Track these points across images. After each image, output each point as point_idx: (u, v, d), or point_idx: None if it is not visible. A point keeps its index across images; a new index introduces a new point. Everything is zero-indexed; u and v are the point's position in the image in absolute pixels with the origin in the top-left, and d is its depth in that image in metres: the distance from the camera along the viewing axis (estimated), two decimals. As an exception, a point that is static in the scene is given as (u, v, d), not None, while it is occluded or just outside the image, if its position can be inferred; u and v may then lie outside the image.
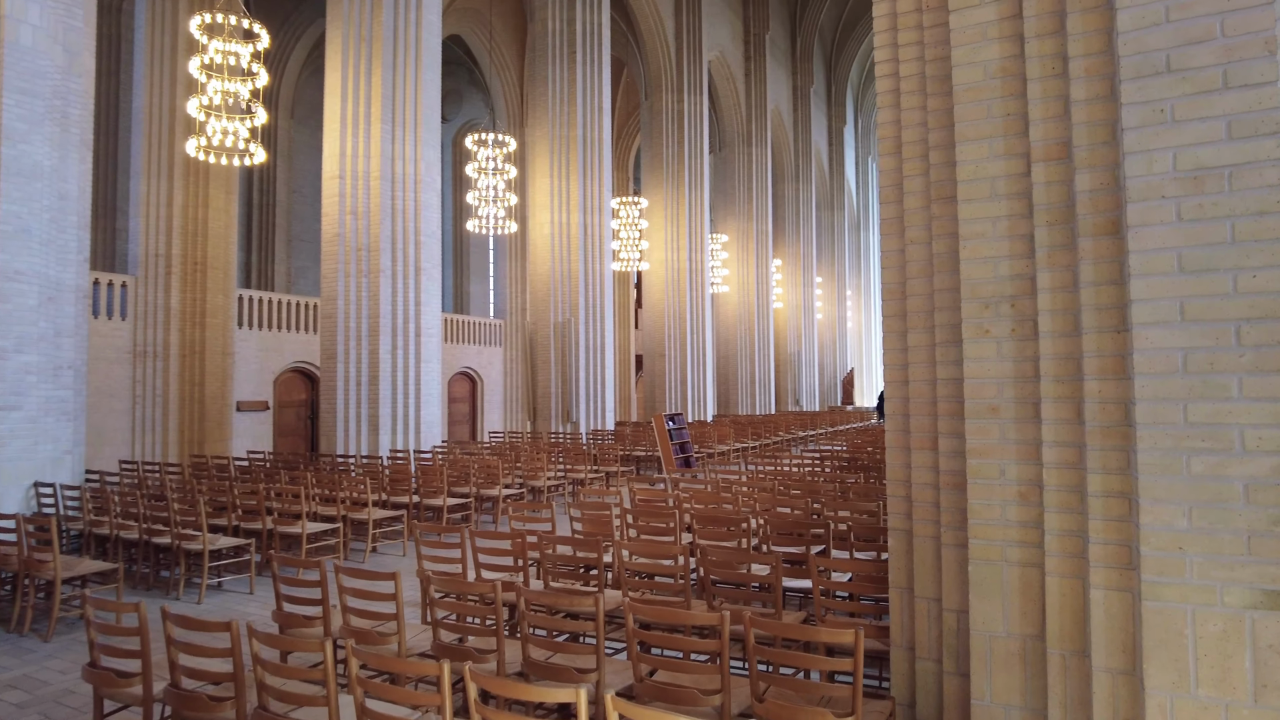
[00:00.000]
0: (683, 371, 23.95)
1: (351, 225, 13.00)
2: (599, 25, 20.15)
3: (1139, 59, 2.54)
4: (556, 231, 19.27)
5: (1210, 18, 2.46)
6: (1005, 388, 3.07)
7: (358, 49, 13.31)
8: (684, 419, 15.38)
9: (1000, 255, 3.10)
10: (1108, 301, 2.69)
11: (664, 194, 24.61)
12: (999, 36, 3.12)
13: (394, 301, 13.21)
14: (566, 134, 19.44)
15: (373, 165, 13.13)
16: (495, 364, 25.91)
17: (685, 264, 24.48)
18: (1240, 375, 2.40)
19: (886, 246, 3.83)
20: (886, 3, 3.81)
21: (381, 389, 12.86)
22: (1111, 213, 2.70)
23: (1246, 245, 2.41)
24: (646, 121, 25.36)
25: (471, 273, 29.87)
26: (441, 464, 10.90)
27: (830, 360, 38.08)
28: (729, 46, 29.12)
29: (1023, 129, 3.06)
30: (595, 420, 19.18)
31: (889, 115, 3.82)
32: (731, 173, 29.57)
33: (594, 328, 19.49)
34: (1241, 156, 2.42)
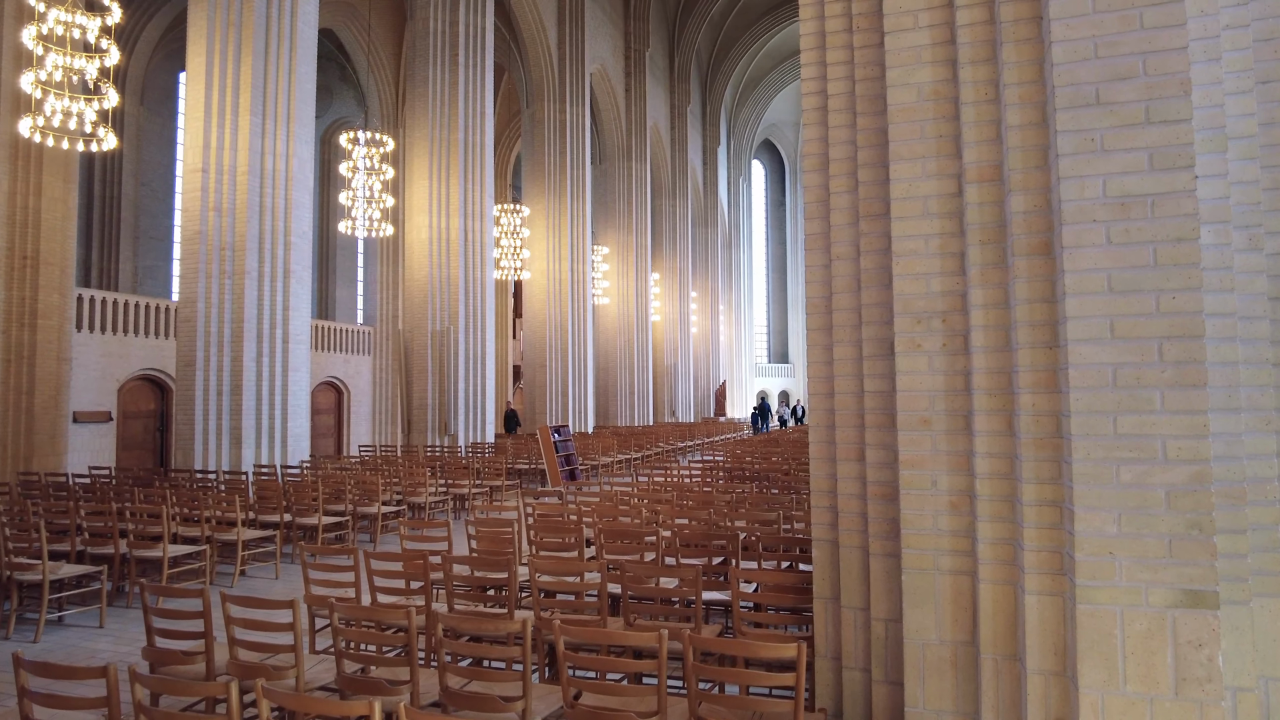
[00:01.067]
0: (564, 382, 23.76)
1: (215, 223, 12.04)
2: (482, 29, 19.78)
3: (1072, 90, 2.69)
4: (435, 236, 18.66)
5: (1134, 57, 2.64)
6: (937, 400, 3.17)
7: (225, 34, 12.39)
8: (569, 431, 15.22)
9: (932, 272, 3.20)
10: (1041, 318, 2.83)
11: (546, 203, 24.41)
12: (932, 60, 3.23)
13: (260, 305, 12.33)
14: (447, 137, 18.91)
15: (240, 159, 12.23)
16: (363, 373, 24.75)
17: (568, 274, 24.35)
18: (1162, 389, 2.57)
19: (811, 261, 3.89)
20: (815, 21, 3.88)
21: (245, 399, 11.94)
22: (1044, 233, 2.84)
23: (1167, 269, 2.59)
24: (528, 129, 25.10)
25: (338, 277, 28.47)
26: (314, 479, 10.23)
27: (704, 372, 38.94)
28: (610, 61, 29.35)
29: (955, 150, 3.18)
30: (474, 433, 18.66)
31: (815, 133, 3.89)
32: (612, 186, 29.74)
33: (475, 337, 18.99)
34: (1162, 186, 2.60)
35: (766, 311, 52.18)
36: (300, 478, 11.01)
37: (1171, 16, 2.62)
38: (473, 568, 5.51)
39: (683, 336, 35.23)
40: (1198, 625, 2.51)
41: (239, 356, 11.98)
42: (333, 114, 27.69)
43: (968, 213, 3.07)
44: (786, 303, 51.83)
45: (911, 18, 3.26)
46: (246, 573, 8.18)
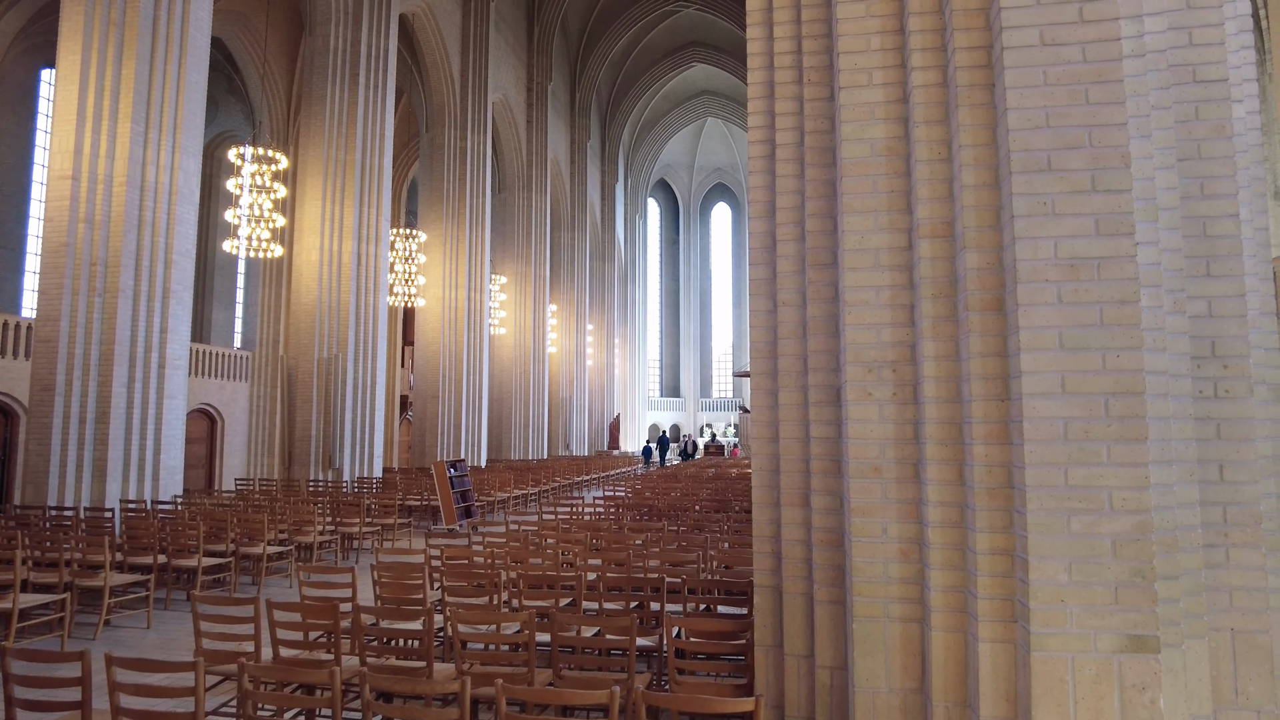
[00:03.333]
0: (457, 414, 23.10)
1: (85, 235, 11.05)
2: (384, 50, 19.32)
3: (1025, 156, 2.82)
4: (327, 259, 17.88)
5: (1081, 128, 2.80)
6: (887, 449, 3.22)
7: (105, 33, 11.52)
8: (466, 465, 14.75)
9: (883, 323, 3.27)
10: (993, 372, 2.92)
11: (444, 229, 23.89)
12: (885, 117, 3.34)
13: (134, 327, 11.38)
14: (343, 158, 18.25)
15: (117, 169, 11.33)
16: (240, 401, 23.25)
17: (464, 302, 23.83)
18: (1109, 443, 2.70)
19: (755, 307, 3.91)
20: (763, 71, 3.95)
21: (113, 428, 10.92)
22: (995, 290, 2.94)
23: (1112, 329, 2.73)
24: (427, 154, 24.59)
25: (216, 298, 26.79)
26: (193, 516, 9.42)
27: (599, 405, 38.87)
28: (513, 91, 29.29)
29: (906, 206, 3.28)
30: (361, 466, 17.81)
31: (761, 180, 3.94)
32: (512, 215, 29.51)
33: (365, 365, 18.21)
34: (1107, 251, 2.76)
35: (659, 346, 52.87)
36: (175, 514, 10.12)
37: (1113, 94, 2.81)
38: (380, 617, 5.17)
39: (578, 369, 35.11)
40: (1141, 669, 2.61)
41: (107, 381, 10.97)
42: (218, 126, 26.27)
43: (919, 267, 3.16)
44: (679, 337, 52.70)
45: (866, 75, 3.36)
46: (112, 623, 7.38)
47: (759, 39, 3.81)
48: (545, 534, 8.07)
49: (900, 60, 3.31)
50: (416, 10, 22.37)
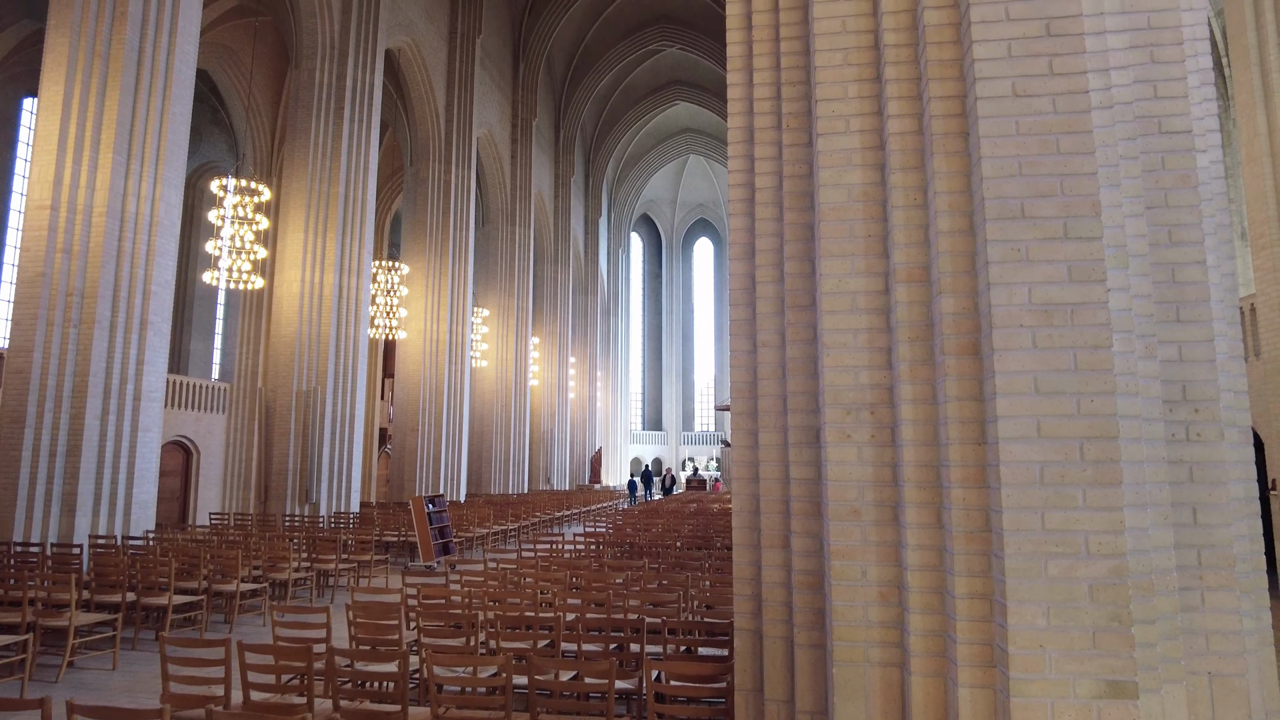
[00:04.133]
0: (437, 448, 22.89)
1: (62, 265, 10.95)
2: (370, 85, 19.48)
3: (999, 203, 2.88)
4: (307, 291, 17.80)
5: (1053, 177, 2.87)
6: (866, 491, 3.22)
7: (89, 64, 11.53)
8: (445, 501, 14.59)
9: (861, 365, 3.29)
10: (969, 415, 2.95)
11: (427, 262, 23.90)
12: (862, 164, 3.40)
13: (110, 358, 11.23)
14: (327, 190, 18.28)
15: (97, 199, 11.27)
16: (216, 433, 22.94)
17: (446, 335, 23.75)
18: (1084, 487, 2.72)
19: (736, 347, 3.93)
20: (743, 116, 4.01)
21: (85, 462, 10.72)
22: (971, 335, 2.98)
23: (1086, 374, 2.77)
24: (411, 188, 24.68)
25: (195, 329, 26.54)
26: (164, 552, 9.23)
27: (580, 438, 38.69)
28: (497, 127, 29.56)
29: (883, 250, 3.33)
30: (338, 501, 17.57)
31: (741, 223, 3.98)
32: (495, 249, 29.60)
33: (343, 398, 18.06)
34: (1080, 297, 2.81)
35: (641, 379, 52.89)
36: (146, 550, 9.91)
37: (1083, 145, 2.89)
38: (355, 659, 5.08)
39: (560, 401, 35.00)
40: (1120, 715, 2.61)
41: (80, 414, 10.80)
42: (201, 157, 26.26)
43: (896, 310, 3.20)
44: (661, 371, 52.78)
45: (843, 122, 3.43)
46: (77, 664, 7.17)
47: (739, 85, 3.89)
48: (524, 572, 7.98)
49: (877, 108, 3.38)
50: (402, 46, 22.61)
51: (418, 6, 22.90)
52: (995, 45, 3.01)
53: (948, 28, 3.20)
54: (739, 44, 3.86)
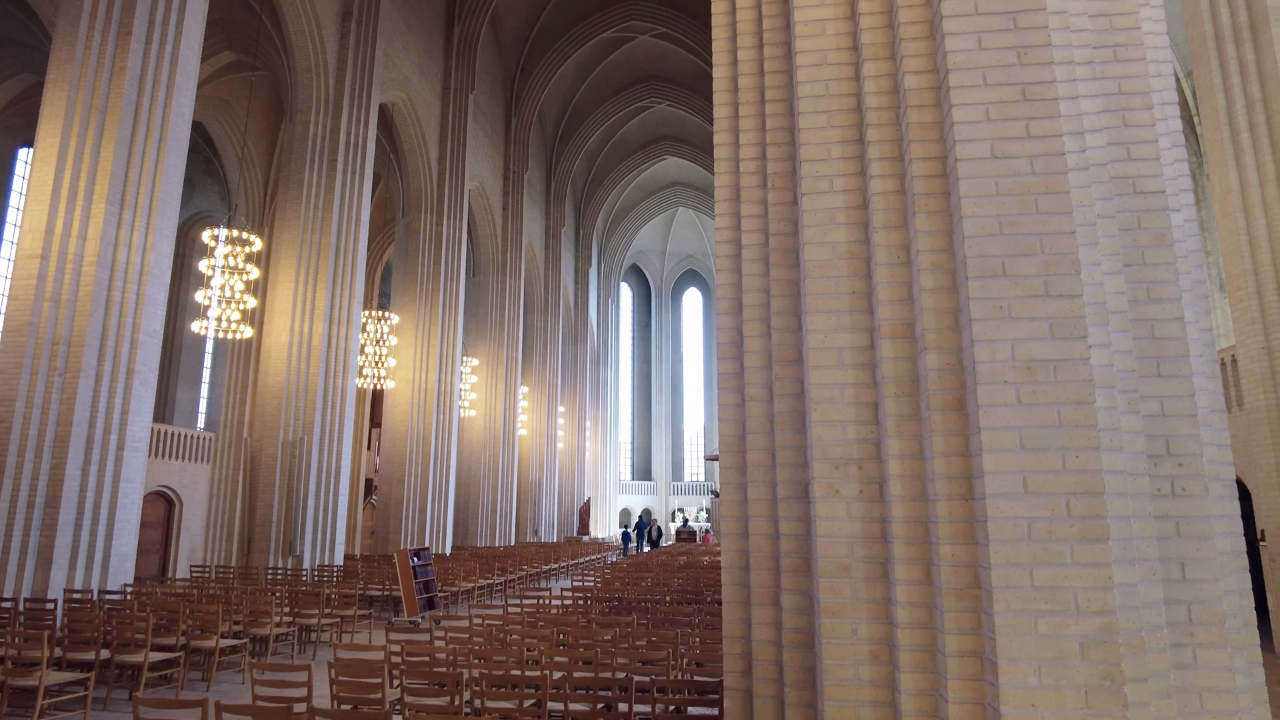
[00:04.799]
0: (422, 499, 22.63)
1: (50, 314, 10.92)
2: (364, 138, 19.77)
3: (981, 261, 2.94)
4: (297, 340, 17.78)
5: (1032, 236, 2.94)
6: (856, 547, 3.21)
7: (86, 117, 11.68)
8: (430, 554, 14.38)
9: (848, 420, 3.31)
10: (956, 471, 2.96)
11: (417, 312, 23.95)
12: (846, 222, 3.47)
13: (94, 408, 11.13)
14: (319, 241, 18.39)
15: (88, 248, 11.31)
16: (200, 484, 22.63)
17: (434, 385, 23.69)
18: (1072, 543, 2.72)
19: (724, 400, 3.95)
20: (729, 175, 4.10)
21: (64, 513, 10.54)
22: (956, 390, 3.01)
23: (1070, 429, 2.80)
24: (403, 238, 24.88)
25: (182, 378, 26.38)
26: (142, 606, 9.01)
27: (569, 489, 38.36)
28: (489, 179, 29.97)
29: (868, 307, 3.38)
30: (322, 553, 17.27)
31: (729, 278, 4.04)
32: (486, 298, 29.73)
33: (330, 449, 17.90)
34: (1062, 353, 2.85)
35: (631, 428, 52.72)
36: (123, 604, 9.68)
37: (1061, 205, 2.96)
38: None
39: (549, 452, 34.78)
40: (1115, 780, 2.57)
41: (61, 464, 10.65)
42: (193, 207, 26.45)
43: (882, 366, 3.23)
44: (650, 420, 52.66)
45: (827, 182, 3.51)
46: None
47: (725, 145, 3.98)
48: (510, 628, 7.83)
49: (860, 169, 3.47)
50: (396, 101, 23.03)
51: (412, 63, 23.40)
52: (974, 109, 3.11)
53: (928, 92, 3.30)
54: (725, 105, 3.97)
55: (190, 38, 12.97)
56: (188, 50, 12.88)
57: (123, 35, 12.03)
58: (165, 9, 12.51)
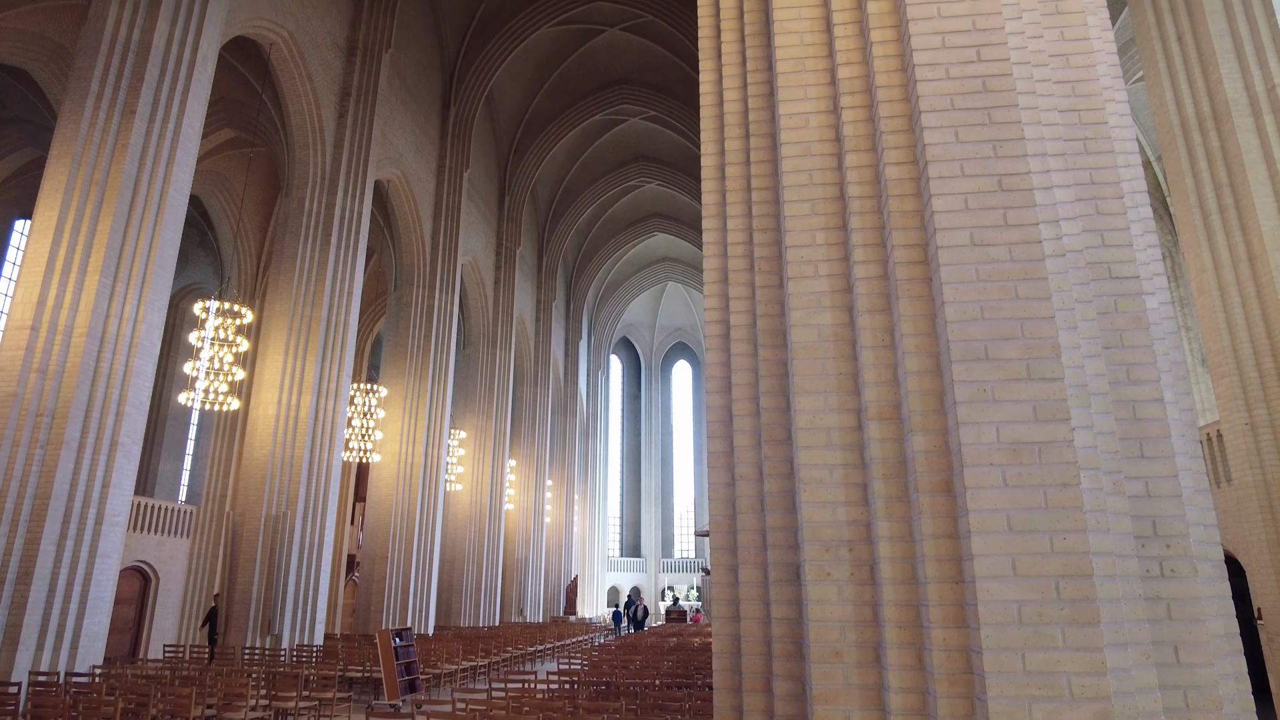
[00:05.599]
0: (406, 576, 22.14)
1: (36, 385, 10.86)
2: (359, 214, 20.10)
3: (964, 345, 3.01)
4: (284, 413, 17.66)
5: (1013, 321, 3.02)
6: (847, 631, 3.18)
7: (86, 191, 11.87)
8: (412, 634, 13.99)
9: (838, 501, 3.32)
10: (946, 553, 2.96)
11: (406, 385, 23.92)
12: (831, 306, 3.55)
13: (75, 480, 10.96)
14: (310, 314, 18.48)
15: (79, 320, 11.33)
16: (178, 558, 22.12)
17: (421, 458, 23.47)
18: (1063, 626, 2.71)
19: (714, 479, 3.96)
20: (717, 259, 4.21)
21: (35, 590, 10.25)
22: (944, 472, 3.04)
23: (1056, 511, 2.82)
24: (394, 311, 25.04)
25: (166, 450, 26.06)
26: (111, 690, 8.69)
27: (556, 566, 37.63)
28: (482, 254, 30.41)
29: (855, 388, 3.43)
30: (302, 632, 16.78)
31: (718, 357, 4.10)
32: (475, 371, 29.76)
33: (313, 524, 17.59)
34: (1046, 435, 2.89)
35: (620, 502, 52.12)
36: (91, 687, 9.33)
37: (1039, 290, 3.06)
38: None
39: (536, 527, 34.26)
40: None
41: (36, 539, 10.42)
42: (185, 279, 26.63)
43: (870, 448, 3.26)
44: (640, 494, 52.14)
45: (812, 267, 3.61)
46: (2, 819, 6.60)
47: (714, 229, 4.10)
48: (494, 714, 7.59)
49: (844, 254, 3.57)
50: (392, 178, 23.53)
51: (408, 141, 24.01)
52: (953, 199, 3.24)
53: (908, 182, 3.43)
54: (714, 193, 4.10)
55: (192, 116, 13.32)
56: (189, 128, 13.21)
57: (127, 114, 12.35)
58: (170, 90, 12.88)
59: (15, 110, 21.41)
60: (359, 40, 20.55)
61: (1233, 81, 12.18)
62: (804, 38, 3.87)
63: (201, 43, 13.53)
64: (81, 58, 12.46)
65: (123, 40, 12.56)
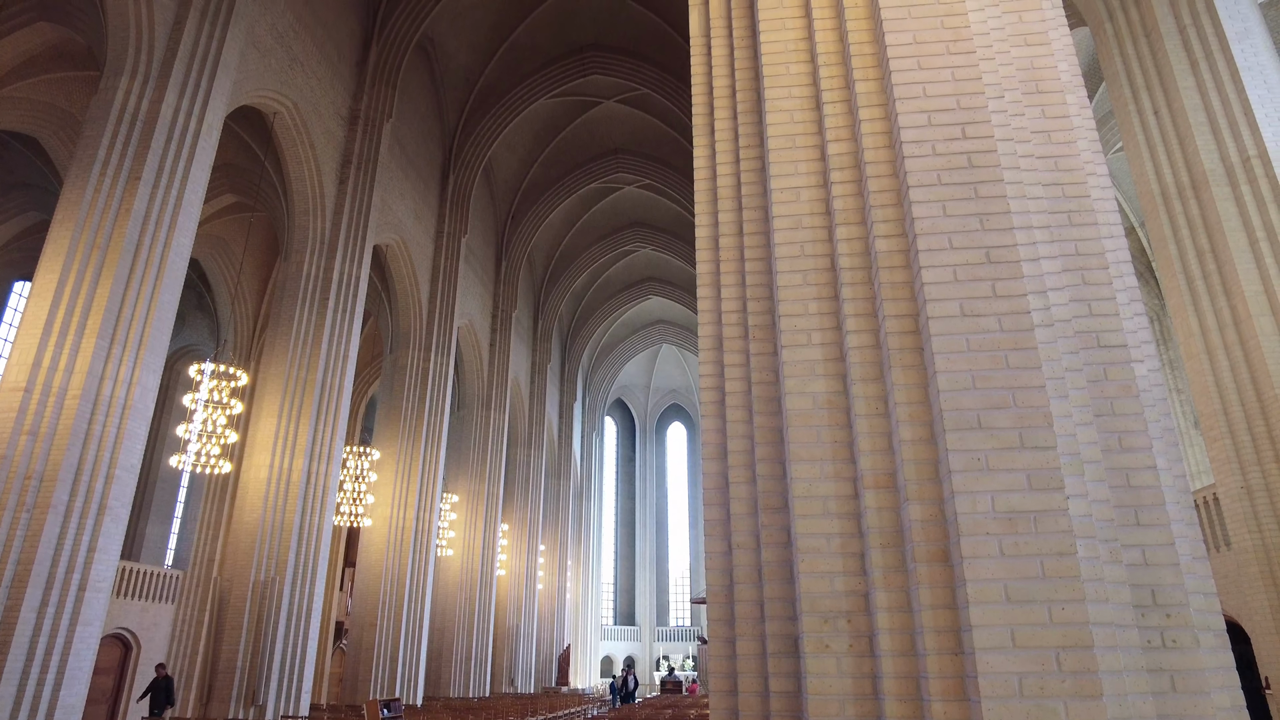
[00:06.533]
0: (395, 645, 21.60)
1: (26, 448, 10.78)
2: (357, 278, 20.29)
3: (957, 414, 3.04)
4: (275, 476, 17.49)
5: (1005, 390, 3.06)
6: (847, 705, 3.12)
7: (87, 254, 12.00)
8: (400, 706, 13.61)
9: (835, 571, 3.30)
10: (944, 624, 2.93)
11: (399, 448, 23.77)
12: (825, 374, 3.60)
13: (60, 545, 10.78)
14: (305, 377, 18.48)
15: (74, 381, 11.31)
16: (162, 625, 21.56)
17: (412, 523, 23.15)
18: (1065, 699, 2.67)
19: (711, 548, 3.93)
20: (712, 326, 4.27)
21: (11, 660, 9.97)
22: (940, 542, 3.04)
23: (1054, 581, 2.81)
24: (389, 374, 25.05)
25: (154, 513, 25.70)
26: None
27: (548, 635, 36.78)
28: (478, 317, 30.62)
29: (850, 456, 3.44)
30: (288, 703, 16.28)
31: (713, 424, 4.12)
32: (469, 433, 29.62)
33: (302, 590, 17.24)
34: (1040, 504, 2.90)
35: (614, 567, 51.27)
36: (63, 766, 9.00)
37: (1030, 360, 3.11)
38: None
39: (528, 594, 33.60)
40: None
41: (16, 606, 10.18)
42: (182, 340, 26.71)
43: (866, 517, 3.26)
44: (634, 559, 51.34)
45: (805, 335, 3.67)
46: None
47: (708, 298, 4.17)
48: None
49: (836, 323, 3.64)
50: (390, 243, 23.85)
51: (407, 208, 24.42)
52: (942, 270, 3.31)
53: (898, 254, 3.52)
54: (707, 262, 4.19)
55: (196, 183, 13.57)
56: (192, 194, 13.44)
57: (131, 180, 12.58)
58: (175, 158, 13.16)
59: (22, 175, 21.78)
60: (361, 110, 21.09)
61: (1209, 153, 12.56)
62: (794, 115, 4.01)
63: (207, 113, 13.88)
64: (90, 126, 12.75)
65: (131, 110, 12.88)
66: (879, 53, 3.93)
